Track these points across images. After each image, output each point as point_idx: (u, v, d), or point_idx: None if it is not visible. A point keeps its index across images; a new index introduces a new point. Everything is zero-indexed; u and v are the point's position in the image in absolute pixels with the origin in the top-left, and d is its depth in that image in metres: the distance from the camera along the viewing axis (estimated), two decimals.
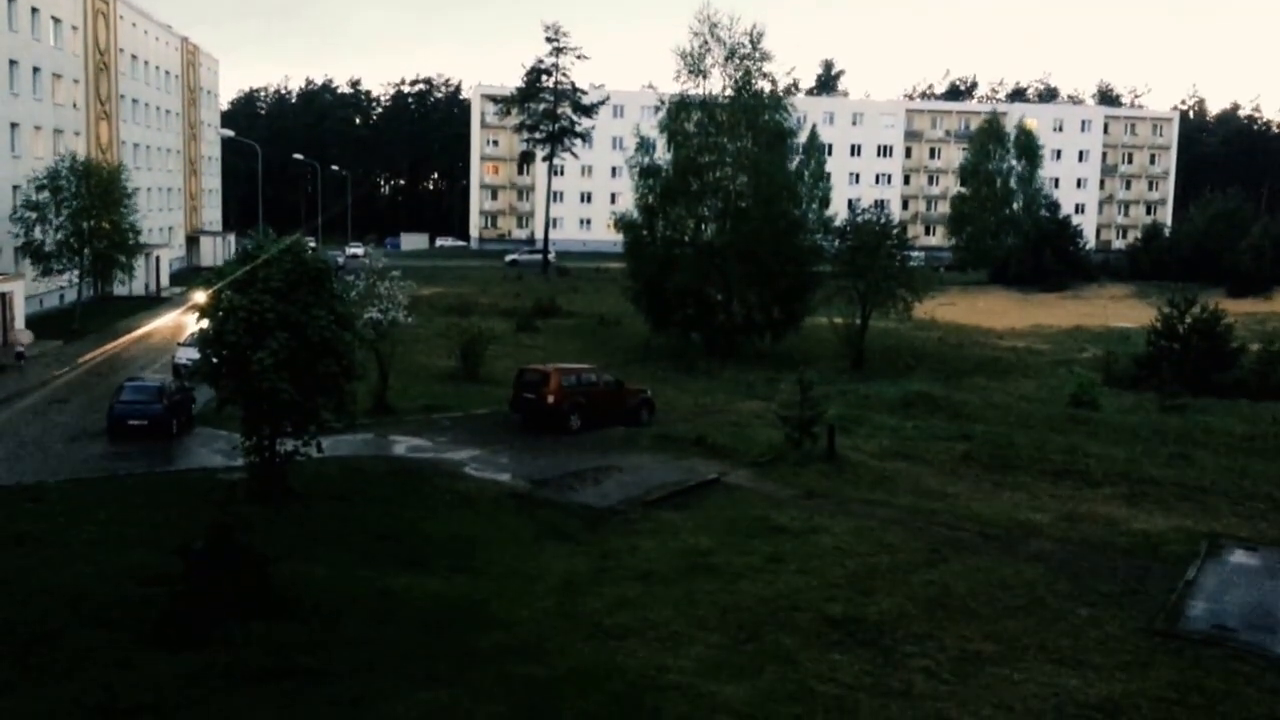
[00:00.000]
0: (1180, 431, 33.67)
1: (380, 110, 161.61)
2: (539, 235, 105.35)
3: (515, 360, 41.04)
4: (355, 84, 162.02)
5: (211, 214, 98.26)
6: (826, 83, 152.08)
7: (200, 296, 25.78)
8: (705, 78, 52.55)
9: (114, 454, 27.42)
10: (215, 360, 22.81)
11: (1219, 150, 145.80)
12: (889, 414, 35.50)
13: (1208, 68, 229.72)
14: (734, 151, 52.57)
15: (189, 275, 74.56)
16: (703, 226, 53.06)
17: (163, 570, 16.56)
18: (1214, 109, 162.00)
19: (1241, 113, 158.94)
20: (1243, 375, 44.11)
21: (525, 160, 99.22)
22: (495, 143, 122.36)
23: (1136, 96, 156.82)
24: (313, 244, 27.73)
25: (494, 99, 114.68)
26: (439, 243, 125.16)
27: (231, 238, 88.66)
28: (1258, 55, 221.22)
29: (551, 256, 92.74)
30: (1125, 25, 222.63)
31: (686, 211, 52.89)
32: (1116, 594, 18.44)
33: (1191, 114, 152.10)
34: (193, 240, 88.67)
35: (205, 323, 23.19)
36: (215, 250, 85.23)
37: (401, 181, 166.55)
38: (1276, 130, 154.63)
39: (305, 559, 18.65)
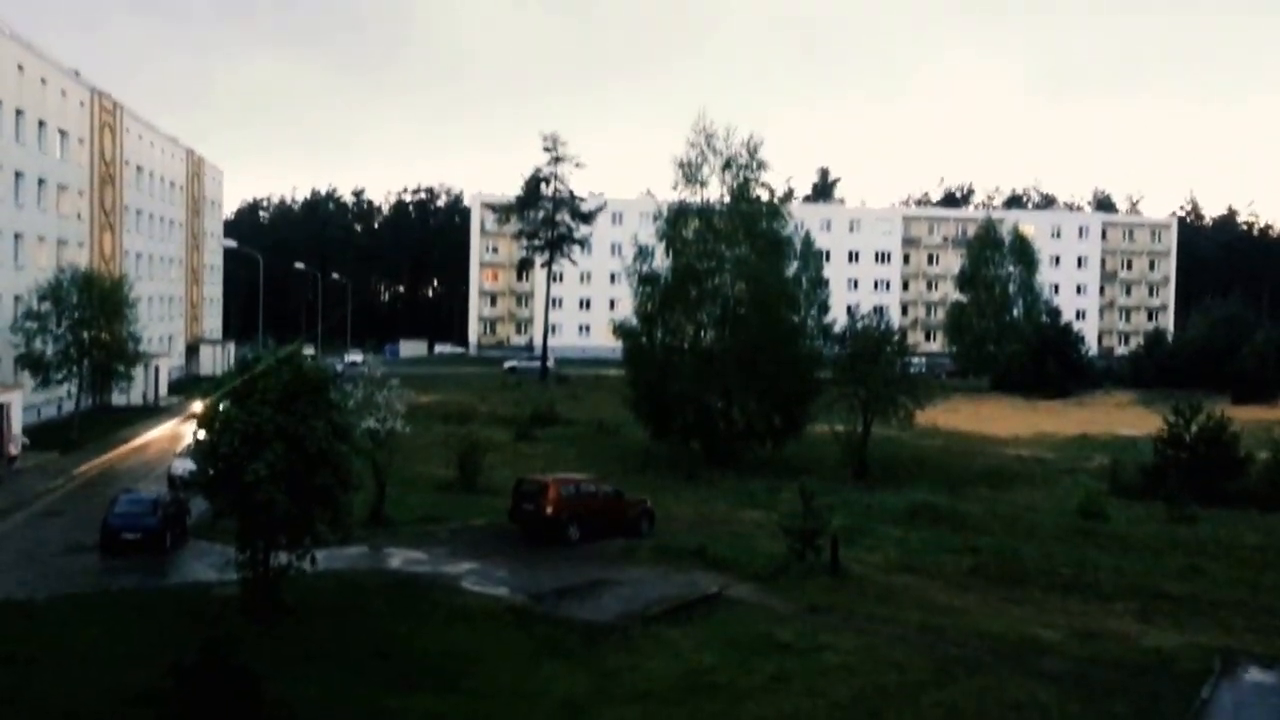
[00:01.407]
0: (1191, 543, 33.10)
1: (382, 218, 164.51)
2: (538, 342, 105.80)
3: (514, 469, 40.64)
4: (358, 193, 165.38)
5: (212, 322, 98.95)
6: (823, 190, 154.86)
7: (198, 406, 25.65)
8: (703, 186, 53.46)
9: (107, 568, 26.98)
10: (211, 472, 22.56)
11: (1218, 255, 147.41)
12: (893, 525, 34.96)
13: (1201, 174, 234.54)
14: (732, 259, 53.04)
15: (188, 384, 74.56)
16: (702, 333, 53.19)
17: (154, 688, 16.17)
18: (1210, 214, 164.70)
19: (1239, 218, 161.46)
20: (1251, 484, 43.56)
21: (524, 267, 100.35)
22: (495, 249, 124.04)
23: (1133, 203, 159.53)
24: (312, 352, 27.70)
25: (493, 207, 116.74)
26: (438, 349, 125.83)
27: (231, 346, 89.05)
28: (1250, 161, 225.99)
29: (550, 363, 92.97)
30: (1117, 133, 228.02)
31: (685, 318, 53.08)
32: (1130, 715, 17.80)
33: (1188, 219, 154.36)
34: (192, 349, 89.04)
35: (202, 434, 23.02)
36: (215, 359, 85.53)
37: (401, 288, 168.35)
38: (1275, 235, 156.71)
39: (298, 677, 18.15)
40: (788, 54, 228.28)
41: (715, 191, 53.49)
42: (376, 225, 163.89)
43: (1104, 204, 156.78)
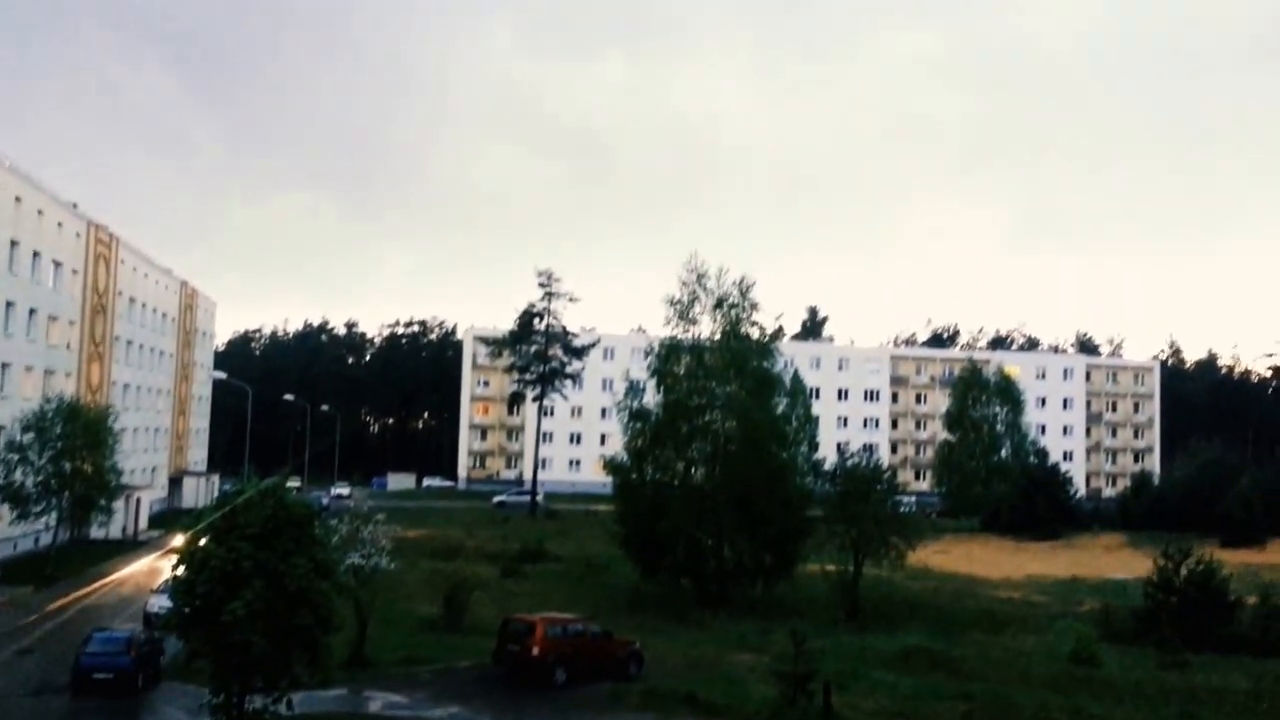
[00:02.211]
0: (1183, 690, 32.37)
1: (374, 351, 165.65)
2: (528, 476, 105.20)
3: (501, 608, 39.81)
4: (351, 325, 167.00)
5: (197, 454, 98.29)
6: (812, 329, 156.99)
7: (177, 541, 25.22)
8: (695, 324, 54.11)
9: (77, 710, 26.12)
10: (187, 610, 22.01)
11: (1201, 398, 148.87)
12: (886, 669, 34.09)
13: (1181, 318, 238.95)
14: (723, 396, 53.25)
15: (170, 517, 73.54)
16: (692, 470, 52.95)
17: None
18: (1191, 358, 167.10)
19: (1221, 362, 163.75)
20: (1242, 629, 42.94)
21: (515, 401, 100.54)
22: (486, 383, 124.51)
23: (1115, 346, 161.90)
24: (297, 485, 27.46)
25: (486, 341, 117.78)
26: (426, 483, 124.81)
27: (216, 478, 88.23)
28: (1229, 307, 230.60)
29: (540, 498, 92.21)
30: (1098, 278, 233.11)
31: (676, 454, 52.92)
32: None
33: (1170, 363, 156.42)
34: (176, 481, 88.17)
35: (180, 570, 22.56)
36: (199, 491, 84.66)
37: (391, 420, 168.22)
38: (1256, 379, 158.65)
39: None
40: (780, 196, 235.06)
41: (706, 329, 54.14)
42: (368, 358, 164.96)
43: (1086, 347, 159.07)
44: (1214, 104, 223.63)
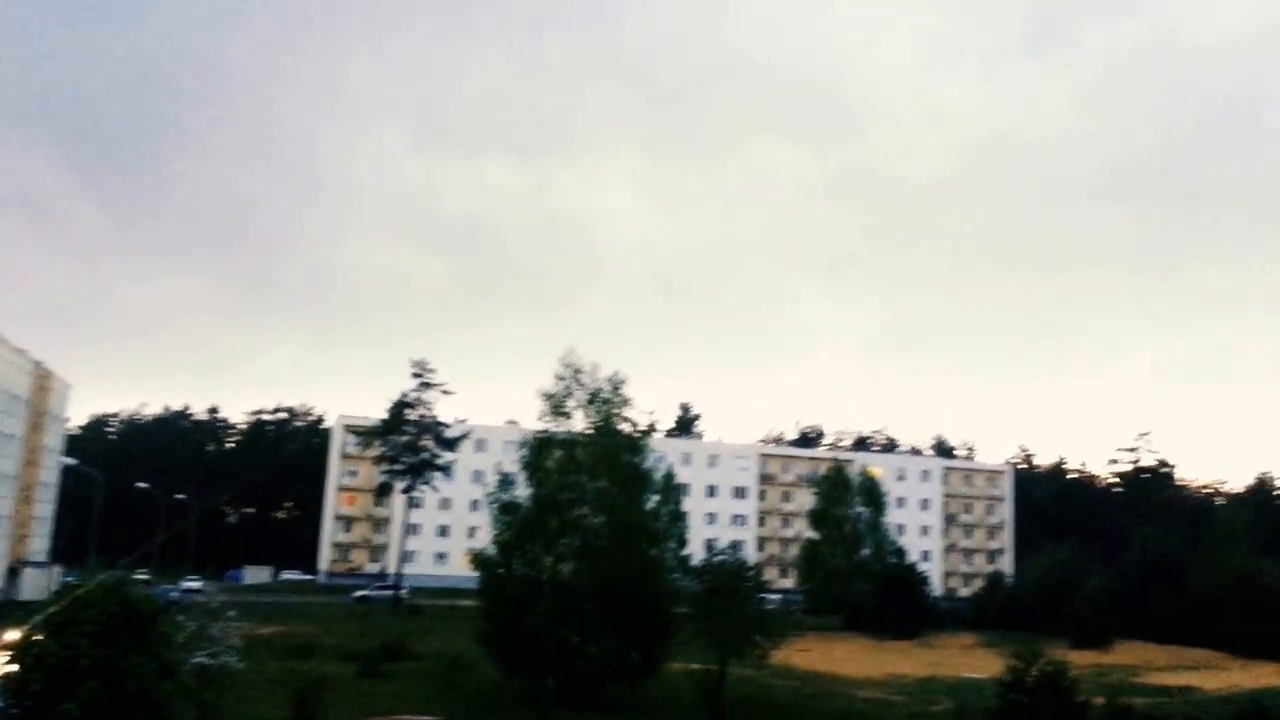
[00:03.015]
0: None
1: (237, 437, 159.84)
2: (393, 569, 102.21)
3: (356, 709, 38.35)
4: (213, 411, 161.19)
5: (40, 543, 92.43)
6: (684, 426, 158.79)
7: (11, 636, 23.75)
8: (568, 418, 54.29)
9: None
10: (17, 712, 20.68)
11: (1051, 502, 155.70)
12: None
13: (1031, 425, 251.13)
14: (593, 491, 53.24)
15: (5, 610, 68.59)
16: (560, 565, 52.54)
17: None
18: (1042, 463, 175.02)
19: (1068, 466, 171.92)
20: None
21: (383, 492, 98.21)
22: (354, 473, 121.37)
23: (970, 450, 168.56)
24: (145, 578, 26.28)
25: (356, 430, 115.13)
26: (285, 576, 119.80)
27: (59, 569, 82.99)
28: (1075, 416, 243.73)
29: (404, 592, 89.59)
30: (955, 386, 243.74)
31: (544, 549, 52.41)
32: None
33: (1022, 467, 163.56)
34: (14, 571, 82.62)
35: (13, 667, 21.26)
36: (39, 583, 79.38)
37: (252, 510, 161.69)
38: (1100, 485, 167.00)
39: None
40: (657, 296, 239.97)
41: (579, 424, 54.37)
42: (231, 444, 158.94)
43: (944, 450, 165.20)
44: (1063, 232, 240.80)
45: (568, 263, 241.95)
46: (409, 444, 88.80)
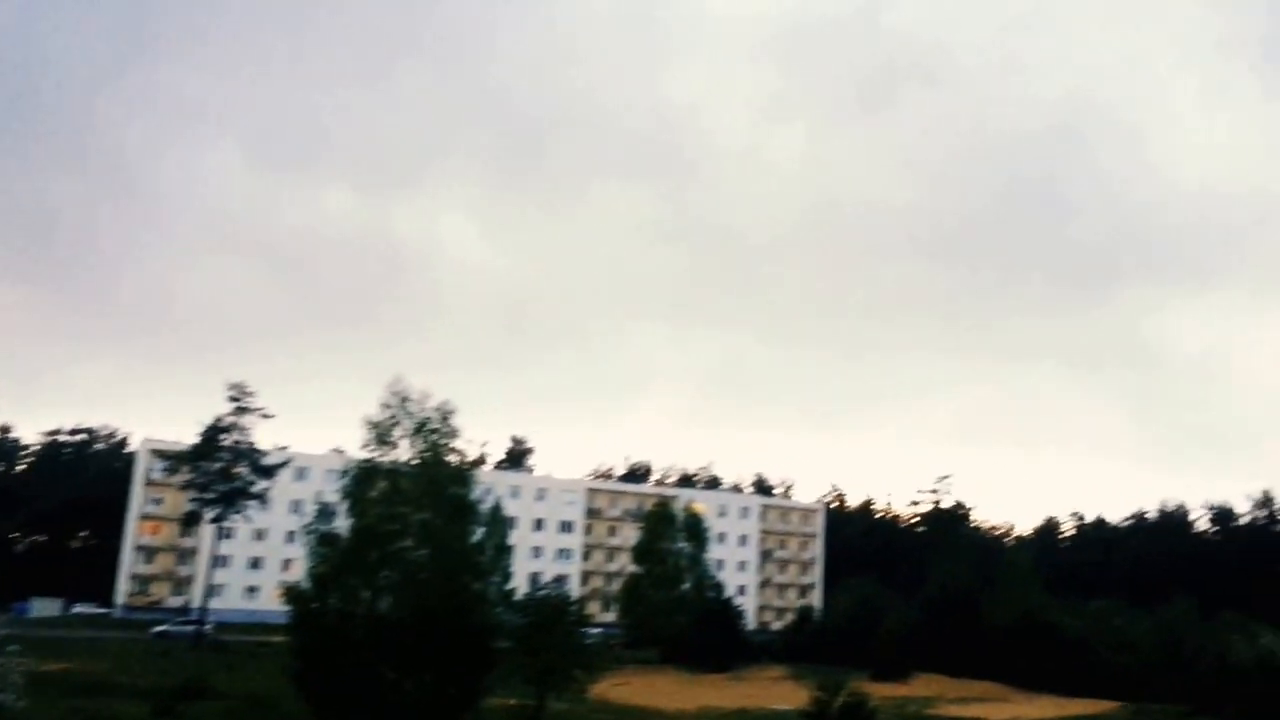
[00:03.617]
0: None
1: (30, 459, 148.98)
2: (198, 603, 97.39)
3: None
4: (4, 430, 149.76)
5: None
6: (515, 458, 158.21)
7: None
8: (393, 447, 53.51)
9: None
10: None
11: (859, 540, 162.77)
12: None
13: (844, 466, 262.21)
14: (417, 523, 52.61)
15: None
16: (379, 599, 51.58)
17: None
18: (852, 502, 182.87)
19: (876, 506, 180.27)
20: None
21: (190, 521, 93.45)
22: (159, 501, 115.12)
23: (787, 488, 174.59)
24: None
25: (164, 454, 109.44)
26: (77, 609, 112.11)
27: None
28: (884, 459, 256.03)
29: (208, 627, 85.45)
30: (775, 426, 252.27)
31: (363, 582, 51.33)
32: None
33: (834, 506, 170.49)
34: None
35: None
36: None
37: (44, 538, 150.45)
38: (903, 524, 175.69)
39: None
40: (495, 328, 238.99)
41: (405, 453, 53.70)
42: (22, 466, 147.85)
43: (763, 488, 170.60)
44: (881, 287, 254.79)
45: (405, 292, 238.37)
46: (221, 471, 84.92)
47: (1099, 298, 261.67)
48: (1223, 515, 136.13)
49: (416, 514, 52.79)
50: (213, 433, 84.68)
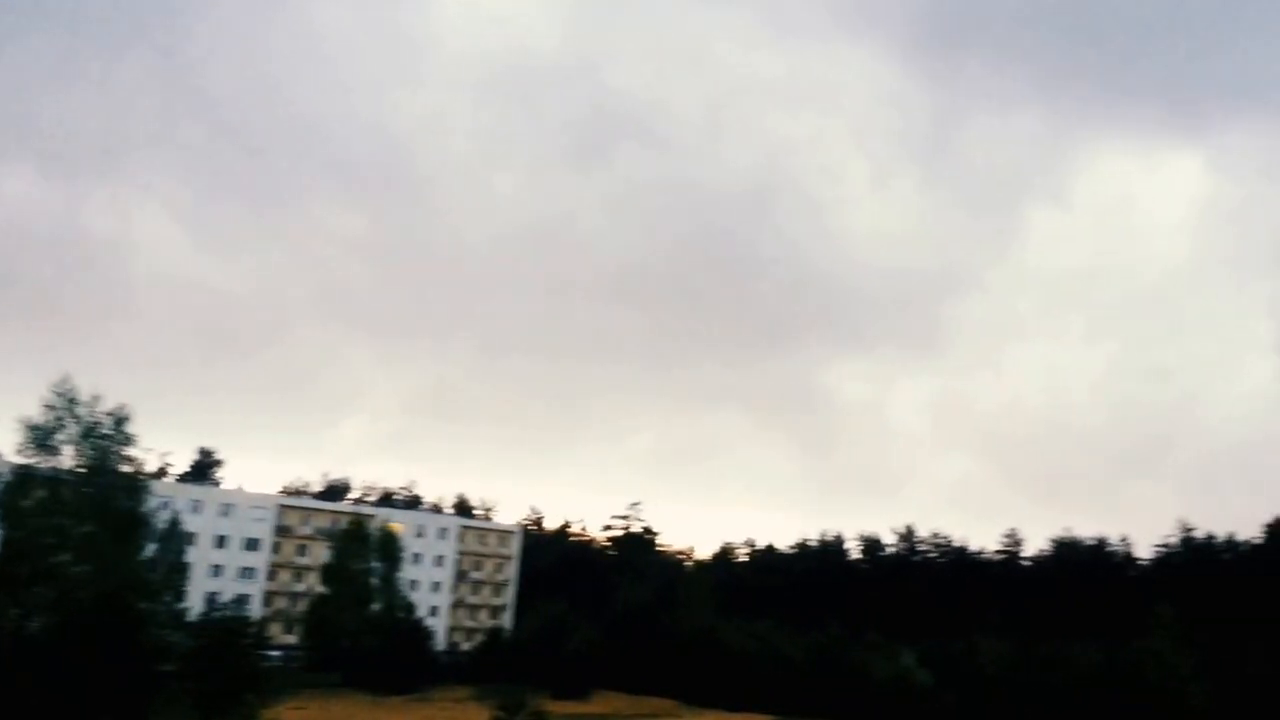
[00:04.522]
0: None
1: None
2: None
3: None
4: None
5: None
6: (201, 471, 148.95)
7: None
8: (55, 454, 49.87)
9: None
10: None
11: (554, 562, 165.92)
12: None
13: (546, 492, 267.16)
14: (79, 536, 49.38)
15: None
16: (30, 617, 47.79)
17: None
18: (549, 525, 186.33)
19: (571, 530, 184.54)
20: None
21: None
22: None
23: (488, 510, 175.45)
24: None
25: None
26: None
27: None
28: (583, 485, 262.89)
29: None
30: (481, 447, 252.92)
31: (13, 600, 47.53)
32: None
33: (533, 529, 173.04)
34: None
35: None
36: None
37: None
38: (596, 548, 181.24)
39: None
40: (197, 334, 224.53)
41: (70, 460, 50.17)
42: None
43: (464, 509, 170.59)
44: (587, 323, 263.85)
45: (94, 288, 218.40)
46: None
47: (778, 350, 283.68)
48: (872, 546, 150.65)
49: (79, 526, 49.46)
50: None
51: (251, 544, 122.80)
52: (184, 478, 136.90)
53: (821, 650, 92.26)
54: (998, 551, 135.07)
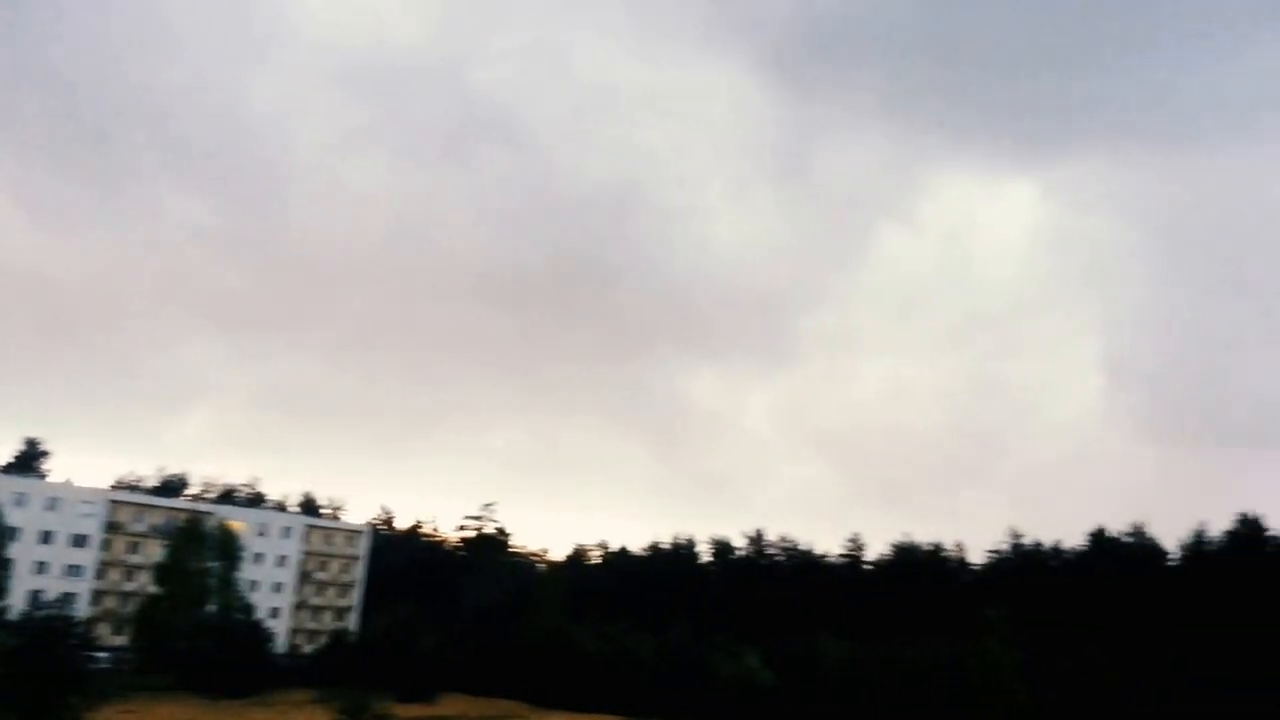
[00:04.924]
0: None
1: None
2: None
3: None
4: None
5: None
6: (27, 462, 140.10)
7: None
8: None
9: None
10: None
11: (404, 563, 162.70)
12: None
13: (399, 492, 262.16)
14: None
15: None
16: None
17: None
18: (401, 525, 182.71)
19: (423, 530, 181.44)
20: None
21: None
22: None
23: (336, 509, 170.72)
24: None
25: None
26: None
27: None
28: (437, 486, 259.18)
29: None
30: (335, 449, 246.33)
31: None
32: None
33: (383, 529, 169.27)
34: None
35: None
36: None
37: None
38: (448, 549, 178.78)
39: None
40: (28, 318, 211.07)
41: None
42: None
43: (310, 508, 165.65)
44: (447, 323, 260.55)
45: None
46: None
47: (635, 356, 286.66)
48: (723, 549, 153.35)
49: None
50: None
51: (79, 540, 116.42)
52: (7, 469, 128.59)
53: (670, 651, 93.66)
54: (841, 555, 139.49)
